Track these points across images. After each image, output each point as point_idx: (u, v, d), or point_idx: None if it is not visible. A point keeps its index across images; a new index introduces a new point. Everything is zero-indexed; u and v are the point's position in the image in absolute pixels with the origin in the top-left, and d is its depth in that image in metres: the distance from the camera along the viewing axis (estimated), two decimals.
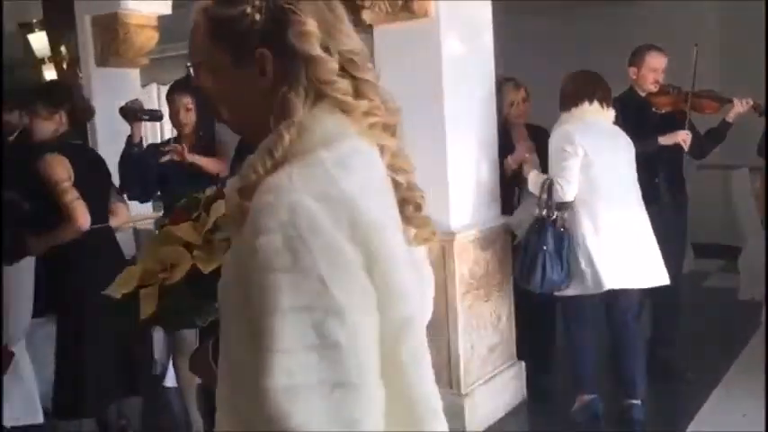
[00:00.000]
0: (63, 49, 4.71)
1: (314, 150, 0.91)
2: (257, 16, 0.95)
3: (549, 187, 3.32)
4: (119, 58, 4.73)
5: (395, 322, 0.90)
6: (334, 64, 0.95)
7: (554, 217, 3.28)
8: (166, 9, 4.74)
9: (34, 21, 4.77)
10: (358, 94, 0.97)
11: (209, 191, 1.43)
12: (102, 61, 4.69)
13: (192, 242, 1.35)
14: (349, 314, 0.84)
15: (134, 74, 4.95)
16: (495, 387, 3.56)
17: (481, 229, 3.51)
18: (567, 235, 3.28)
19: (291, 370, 0.82)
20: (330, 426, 0.82)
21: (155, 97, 10.41)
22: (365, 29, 3.48)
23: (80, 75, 4.72)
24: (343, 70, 0.97)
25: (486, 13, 3.64)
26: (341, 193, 0.87)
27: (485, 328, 3.53)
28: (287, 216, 0.85)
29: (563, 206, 3.30)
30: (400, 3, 3.31)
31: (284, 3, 0.95)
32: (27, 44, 4.84)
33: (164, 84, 10.75)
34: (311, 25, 0.94)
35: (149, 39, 4.81)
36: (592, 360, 3.47)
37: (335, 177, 0.88)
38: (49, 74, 4.80)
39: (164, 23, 4.85)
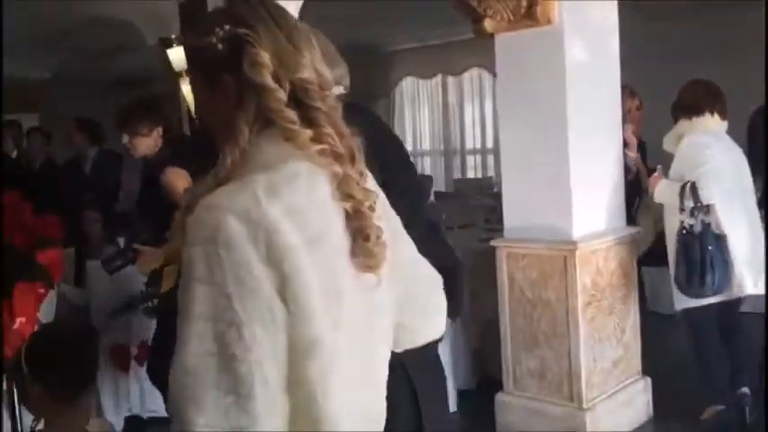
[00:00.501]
0: None
1: (251, 173, 0.98)
2: (219, 46, 1.02)
3: (691, 192, 3.23)
4: None
5: (303, 340, 0.94)
6: (281, 94, 1.00)
7: (708, 221, 3.23)
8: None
9: (173, 36, 5.07)
10: (309, 121, 1.01)
11: None
12: None
13: None
14: (247, 329, 0.91)
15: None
16: (619, 402, 3.45)
17: (605, 239, 3.42)
18: (723, 237, 3.26)
19: (190, 371, 0.91)
20: (217, 427, 0.90)
21: None
22: (486, 37, 3.49)
23: None
24: (297, 98, 1.01)
25: (612, 18, 3.55)
26: (262, 216, 0.93)
27: (608, 341, 3.43)
28: (209, 232, 0.93)
29: (707, 210, 3.25)
30: (523, 10, 3.28)
31: (243, 34, 1.00)
32: (166, 58, 5.15)
33: None
34: (263, 57, 0.99)
35: None
36: (723, 371, 3.36)
37: (261, 200, 0.94)
38: (186, 87, 5.09)
39: None
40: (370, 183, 1.09)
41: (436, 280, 1.24)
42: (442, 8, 4.09)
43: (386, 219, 1.10)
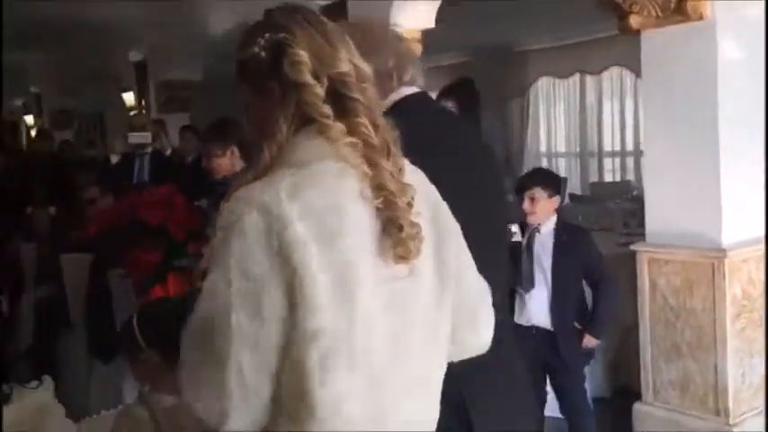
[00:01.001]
0: None
1: (282, 170, 1.04)
2: (263, 54, 1.08)
3: None
4: None
5: (305, 332, 0.98)
6: (319, 89, 1.05)
7: None
8: (431, 23, 4.96)
9: None
10: (347, 112, 1.06)
11: None
12: None
13: None
14: (235, 314, 0.98)
15: None
16: None
17: (758, 247, 3.22)
18: None
19: (187, 345, 1.04)
20: (197, 403, 1.02)
21: None
22: (631, 34, 3.37)
23: None
24: (335, 91, 1.07)
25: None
26: (280, 213, 0.99)
27: (759, 355, 3.22)
28: (229, 221, 1.01)
29: None
30: (672, 5, 3.15)
31: (282, 38, 1.07)
32: None
33: None
34: (301, 55, 1.06)
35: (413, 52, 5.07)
36: None
37: (282, 198, 1.00)
38: None
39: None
40: (413, 178, 1.12)
41: (485, 291, 1.24)
42: (581, 5, 4.00)
43: (435, 221, 1.13)
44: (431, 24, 5.01)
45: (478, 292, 1.23)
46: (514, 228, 3.08)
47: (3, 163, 6.45)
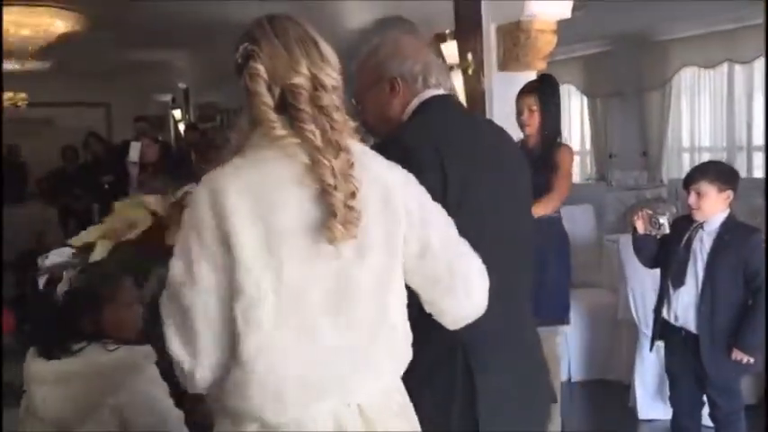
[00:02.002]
0: (469, 56, 5.11)
1: (236, 159, 1.29)
2: (239, 60, 1.32)
3: None
4: (518, 63, 4.96)
5: (233, 284, 1.22)
6: (268, 99, 1.28)
7: None
8: (567, 13, 4.82)
9: (447, 31, 5.26)
10: (292, 118, 1.27)
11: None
12: (504, 66, 4.97)
13: (158, 211, 1.70)
14: (196, 266, 1.23)
15: (531, 77, 5.14)
16: None
17: None
18: None
19: (165, 299, 1.28)
20: (174, 350, 1.26)
21: None
22: None
23: (483, 80, 5.06)
24: (286, 101, 1.28)
25: None
26: (221, 186, 1.23)
27: None
28: (191, 199, 1.27)
29: None
30: None
31: (250, 49, 1.30)
32: (440, 53, 5.36)
33: None
34: (258, 69, 1.28)
35: (548, 43, 4.95)
36: None
37: (224, 176, 1.25)
38: (456, 80, 5.25)
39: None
40: (366, 171, 1.30)
41: (467, 262, 1.39)
42: None
43: (386, 209, 1.30)
44: (567, 15, 4.88)
45: (453, 265, 1.37)
46: (662, 219, 2.95)
47: (161, 153, 6.85)
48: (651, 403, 3.86)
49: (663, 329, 3.09)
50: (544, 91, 3.56)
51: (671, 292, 2.99)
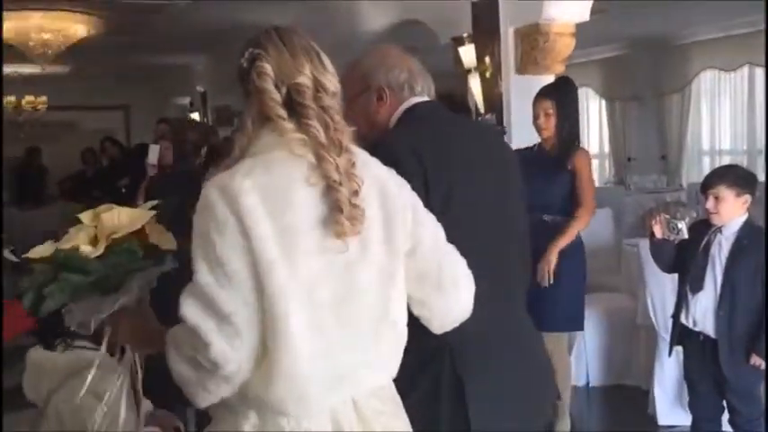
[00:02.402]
0: (487, 59, 5.09)
1: (245, 159, 1.32)
2: (244, 64, 1.37)
3: None
4: (536, 66, 4.94)
5: (259, 281, 1.25)
6: (276, 95, 1.33)
7: None
8: (586, 16, 4.80)
9: (465, 35, 5.25)
10: (298, 115, 1.33)
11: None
12: (522, 69, 4.96)
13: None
14: (228, 265, 1.24)
15: (548, 80, 5.11)
16: None
17: None
18: None
19: (198, 296, 1.26)
20: (210, 339, 1.24)
21: None
22: None
23: (500, 83, 5.05)
24: (292, 99, 1.33)
25: None
26: (235, 187, 1.26)
27: None
28: (200, 204, 1.28)
29: None
30: None
31: (257, 52, 1.36)
32: (457, 56, 5.34)
33: None
34: (266, 68, 1.34)
35: (567, 46, 4.94)
36: None
37: (237, 178, 1.27)
38: (474, 83, 5.24)
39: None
40: (370, 170, 1.36)
41: (455, 263, 1.45)
42: None
43: (383, 207, 1.35)
44: (585, 17, 4.86)
45: (442, 264, 1.43)
46: (680, 224, 2.93)
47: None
48: (671, 409, 3.82)
49: (681, 334, 3.06)
50: (561, 94, 3.52)
51: (689, 296, 2.96)
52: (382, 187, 1.38)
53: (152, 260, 1.49)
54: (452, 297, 1.45)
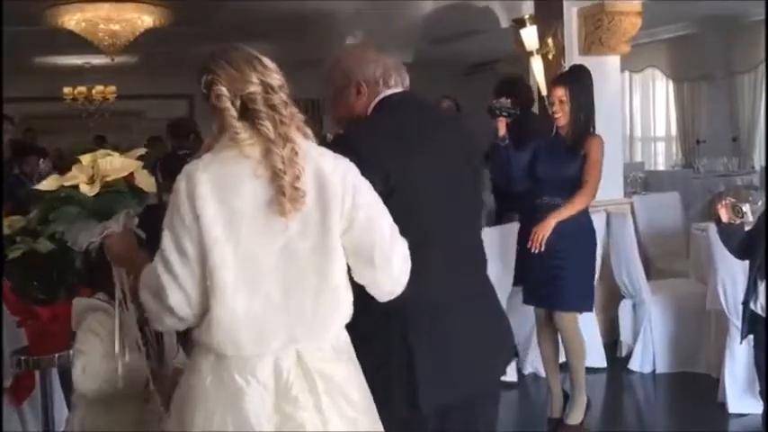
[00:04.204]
0: (550, 41, 5.01)
1: (208, 155, 1.63)
2: (204, 90, 1.65)
3: None
4: (601, 47, 4.84)
5: (205, 256, 1.56)
6: (233, 112, 1.62)
7: None
8: None
9: (526, 16, 5.17)
10: (252, 117, 1.61)
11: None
12: (586, 50, 4.86)
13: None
14: (175, 241, 1.58)
15: (614, 60, 5.01)
16: None
17: None
18: None
19: (159, 255, 1.61)
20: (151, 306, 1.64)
21: (626, 85, 10.37)
22: None
23: (563, 65, 4.96)
24: (246, 106, 1.62)
25: None
26: (195, 177, 1.57)
27: None
28: (175, 184, 1.60)
29: None
30: None
31: (211, 78, 1.64)
32: (519, 39, 5.27)
33: (635, 71, 10.64)
34: (222, 90, 1.62)
35: (633, 25, 4.82)
36: None
37: (198, 169, 1.59)
38: (536, 65, 5.16)
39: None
40: (307, 158, 1.60)
41: (389, 243, 1.66)
42: None
43: (321, 191, 1.60)
44: None
45: (375, 243, 1.65)
46: (745, 207, 2.85)
47: None
48: (742, 397, 3.71)
49: (751, 321, 2.98)
50: (575, 82, 3.55)
51: (758, 283, 2.88)
52: (320, 173, 1.62)
53: (137, 199, 1.91)
54: (384, 272, 1.67)
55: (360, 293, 1.67)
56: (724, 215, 2.95)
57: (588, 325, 4.28)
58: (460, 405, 1.92)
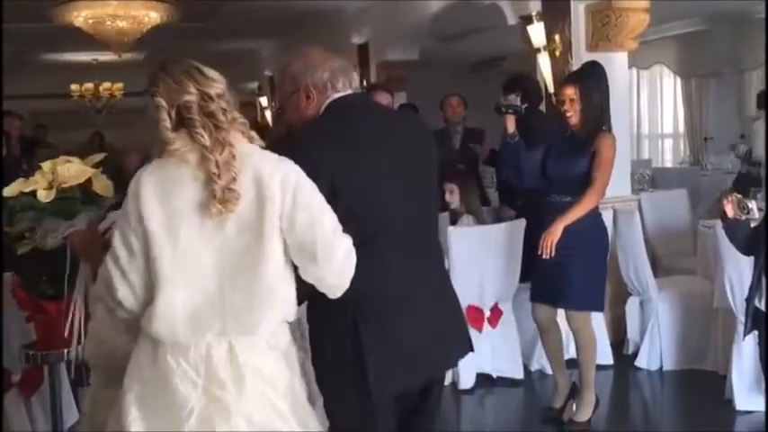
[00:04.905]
0: (557, 38, 4.99)
1: (155, 161, 1.77)
2: (149, 98, 1.77)
3: None
4: (608, 43, 4.82)
5: (146, 252, 1.71)
6: (167, 123, 1.74)
7: None
8: None
9: (534, 13, 5.16)
10: (188, 125, 1.73)
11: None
12: (593, 47, 4.84)
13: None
14: (121, 240, 1.74)
15: (621, 57, 5.00)
16: None
17: None
18: None
19: (110, 251, 1.78)
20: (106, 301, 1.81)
21: (634, 82, 10.33)
22: None
23: (570, 61, 4.95)
24: (182, 114, 1.73)
25: None
26: (140, 182, 1.73)
27: None
28: (129, 187, 1.75)
29: None
30: None
31: (153, 90, 1.76)
32: (526, 36, 5.26)
33: (643, 68, 10.60)
34: (160, 101, 1.74)
35: (641, 22, 4.80)
36: None
37: (144, 175, 1.74)
38: (543, 62, 5.15)
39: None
40: (247, 161, 1.72)
41: (331, 240, 1.75)
42: None
43: (259, 193, 1.70)
44: None
45: (317, 240, 1.73)
46: (751, 203, 2.85)
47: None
48: (749, 394, 3.70)
49: (756, 318, 2.97)
50: (585, 80, 3.53)
51: (763, 280, 2.87)
52: (259, 176, 1.71)
53: (92, 202, 2.07)
54: (325, 268, 1.76)
55: (314, 290, 1.79)
56: (729, 211, 2.94)
57: (595, 322, 4.28)
58: (413, 392, 2.03)
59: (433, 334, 2.02)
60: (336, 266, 1.77)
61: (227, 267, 1.70)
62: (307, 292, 1.81)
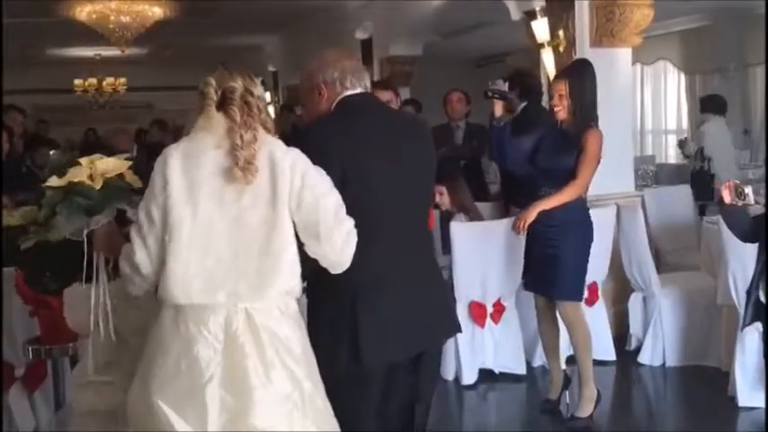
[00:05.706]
0: (561, 33, 4.98)
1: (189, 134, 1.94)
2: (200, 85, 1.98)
3: None
4: (612, 39, 4.81)
5: (167, 216, 1.84)
6: (213, 96, 1.92)
7: None
8: None
9: (537, 9, 5.14)
10: (226, 105, 1.91)
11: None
12: (597, 42, 4.83)
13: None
14: (144, 210, 1.87)
15: (625, 53, 4.99)
16: None
17: None
18: None
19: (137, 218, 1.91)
20: (126, 270, 1.93)
21: (638, 77, 10.31)
22: None
23: (574, 57, 4.92)
24: (224, 97, 1.92)
25: None
26: (168, 154, 1.87)
27: None
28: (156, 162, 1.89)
29: None
30: None
31: (206, 77, 1.95)
32: (530, 31, 5.24)
33: (647, 63, 10.57)
34: (210, 81, 1.93)
35: (645, 17, 4.79)
36: None
37: (173, 148, 1.89)
38: (547, 57, 5.14)
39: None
40: (263, 146, 1.88)
41: (334, 221, 1.91)
42: None
43: (272, 172, 1.86)
44: None
45: (320, 220, 1.89)
46: (747, 189, 2.87)
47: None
48: (751, 391, 3.70)
49: (758, 311, 2.97)
50: (574, 76, 3.57)
51: (765, 272, 2.87)
52: (273, 158, 1.88)
53: (133, 193, 2.13)
54: (328, 246, 1.92)
55: (317, 266, 1.95)
56: (726, 196, 2.95)
57: (598, 318, 4.29)
58: (403, 365, 2.18)
59: (419, 312, 2.19)
60: (337, 245, 1.92)
61: (242, 236, 1.84)
62: (310, 269, 1.94)
